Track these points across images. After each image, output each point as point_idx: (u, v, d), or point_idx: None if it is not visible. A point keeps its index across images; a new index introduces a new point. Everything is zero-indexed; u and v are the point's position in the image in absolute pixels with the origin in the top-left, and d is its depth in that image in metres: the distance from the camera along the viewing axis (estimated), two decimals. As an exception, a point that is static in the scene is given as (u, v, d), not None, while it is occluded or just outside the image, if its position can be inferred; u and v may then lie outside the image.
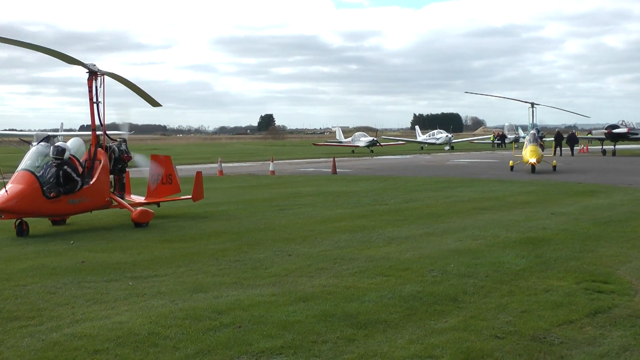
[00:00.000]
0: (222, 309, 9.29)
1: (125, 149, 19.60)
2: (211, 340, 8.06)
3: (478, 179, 31.96)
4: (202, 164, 52.14)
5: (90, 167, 18.09)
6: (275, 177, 36.22)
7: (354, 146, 74.66)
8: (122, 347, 7.87)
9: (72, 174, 17.08)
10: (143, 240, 15.41)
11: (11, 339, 8.25)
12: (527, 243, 14.13)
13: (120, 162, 19.33)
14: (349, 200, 23.01)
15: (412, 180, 32.16)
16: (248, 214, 19.69)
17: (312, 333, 8.25)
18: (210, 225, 17.53)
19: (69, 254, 13.86)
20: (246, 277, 11.36)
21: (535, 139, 36.39)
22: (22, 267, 12.50)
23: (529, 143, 36.23)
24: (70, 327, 8.65)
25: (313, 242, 14.73)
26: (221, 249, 14.09)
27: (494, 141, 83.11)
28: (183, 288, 10.64)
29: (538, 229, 16.02)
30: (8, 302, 9.99)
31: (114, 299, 10.07)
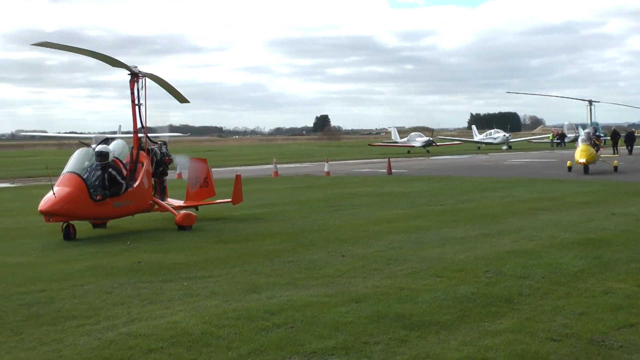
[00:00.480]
0: (274, 310, 9.31)
1: (166, 152, 19.65)
2: (263, 340, 8.08)
3: (536, 179, 31.55)
4: (258, 165, 52.46)
5: (133, 169, 18.00)
6: (330, 177, 36.24)
7: (409, 146, 74.32)
8: (176, 346, 7.94)
9: (117, 176, 17.01)
10: (198, 241, 15.53)
11: (69, 337, 8.39)
12: (585, 244, 13.89)
13: (161, 164, 19.37)
14: (403, 201, 22.90)
15: (469, 180, 31.89)
16: (302, 215, 19.72)
17: (364, 334, 8.22)
18: (265, 226, 17.60)
19: (125, 254, 14.03)
20: (299, 278, 11.37)
21: (589, 138, 35.47)
22: (80, 267, 12.70)
23: (582, 142, 35.44)
24: (126, 327, 8.75)
25: (367, 242, 14.69)
26: (275, 249, 14.14)
27: (553, 140, 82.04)
28: (237, 288, 10.70)
29: (597, 229, 15.73)
30: (66, 301, 10.15)
31: (169, 299, 10.17)
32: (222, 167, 50.21)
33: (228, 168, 49.67)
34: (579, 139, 36.67)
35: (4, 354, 7.82)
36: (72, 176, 16.50)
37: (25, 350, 7.94)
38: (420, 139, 74.69)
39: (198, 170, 20.13)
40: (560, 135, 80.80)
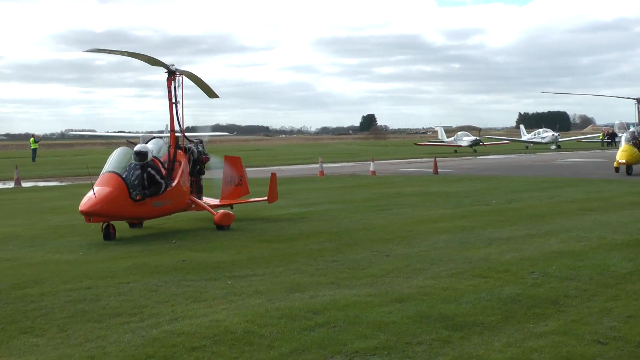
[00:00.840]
0: (317, 309, 9.31)
1: (203, 150, 19.47)
2: (306, 339, 8.08)
3: (585, 179, 31.11)
4: (303, 164, 52.56)
5: (171, 168, 17.76)
6: (376, 177, 36.16)
7: (456, 146, 73.82)
8: (219, 344, 7.98)
9: (156, 176, 16.84)
10: (242, 240, 15.60)
11: (114, 335, 8.48)
12: (635, 246, 13.66)
13: (198, 163, 19.20)
14: (449, 201, 22.76)
15: (516, 180, 31.57)
16: (347, 214, 19.69)
17: (407, 334, 8.18)
18: (309, 226, 17.60)
19: (170, 253, 14.14)
20: (343, 278, 11.35)
21: (634, 138, 34.66)
22: (126, 265, 12.83)
23: (625, 142, 34.69)
24: (170, 324, 8.82)
25: (411, 242, 14.62)
26: (319, 249, 14.14)
27: (603, 140, 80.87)
28: (280, 287, 10.72)
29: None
30: (111, 299, 10.26)
31: (213, 297, 10.22)
32: (268, 166, 50.49)
33: (274, 167, 49.83)
34: (622, 138, 35.98)
35: (51, 350, 7.94)
36: (112, 176, 16.40)
37: (71, 347, 8.04)
38: (467, 139, 74.13)
39: (233, 169, 19.96)
40: (611, 134, 79.43)
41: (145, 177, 16.66)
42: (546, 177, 32.89)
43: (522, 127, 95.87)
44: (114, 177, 16.31)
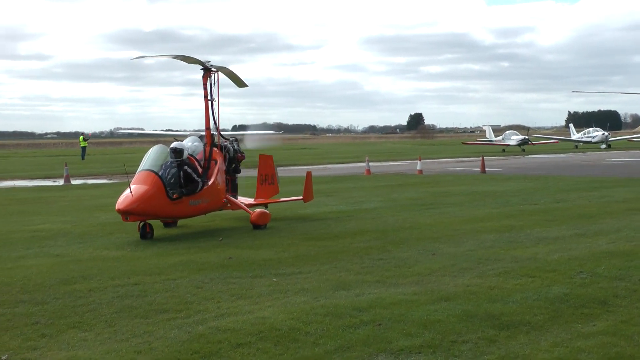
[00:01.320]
0: (363, 307, 9.29)
1: (238, 148, 19.07)
2: (351, 337, 8.07)
3: (635, 179, 30.60)
4: (350, 163, 52.52)
5: (207, 167, 17.45)
6: (423, 176, 35.99)
7: (504, 145, 73.22)
8: (264, 341, 8.00)
9: (193, 174, 16.56)
10: (288, 238, 15.63)
11: (160, 330, 8.55)
12: (686, 245, 13.41)
13: (234, 161, 18.82)
14: (497, 200, 22.56)
15: (565, 179, 31.18)
16: (393, 213, 19.63)
17: (453, 333, 8.13)
18: (356, 224, 17.58)
19: (217, 250, 14.23)
20: (389, 276, 11.32)
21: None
22: (173, 262, 12.94)
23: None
24: (215, 321, 8.87)
25: (458, 241, 14.53)
26: (365, 247, 14.11)
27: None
28: (325, 285, 10.72)
29: (698, 230, 15.17)
30: (158, 295, 10.36)
31: (258, 294, 10.26)
32: (315, 165, 50.58)
33: (321, 166, 49.97)
34: None
35: (98, 345, 8.04)
36: (148, 174, 16.12)
37: (118, 342, 8.13)
38: (516, 138, 73.51)
39: (266, 167, 19.74)
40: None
41: (181, 175, 16.40)
42: (596, 177, 32.45)
43: (571, 126, 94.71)
44: (151, 175, 16.06)
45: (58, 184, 36.48)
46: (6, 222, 19.22)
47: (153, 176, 16.01)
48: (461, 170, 40.74)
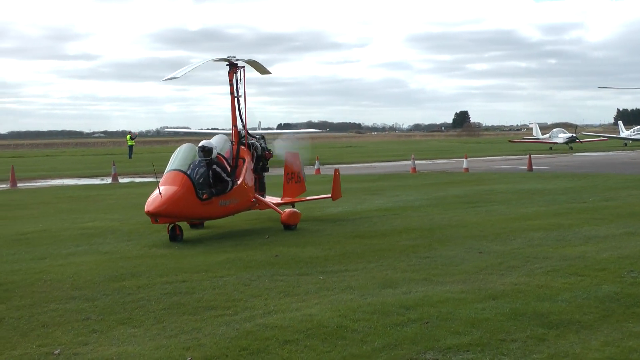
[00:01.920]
0: (410, 305, 9.27)
1: (266, 146, 18.45)
2: (398, 335, 8.06)
3: (686, 176, 30.07)
4: (396, 161, 52.39)
5: (235, 165, 16.89)
6: (469, 174, 35.75)
7: (551, 143, 72.37)
8: (311, 338, 8.02)
9: (222, 173, 15.96)
10: (335, 235, 15.63)
11: (208, 327, 8.62)
12: None
13: (261, 160, 18.19)
14: (544, 198, 22.32)
15: (614, 177, 30.76)
16: (440, 211, 19.53)
17: (501, 331, 8.07)
18: (402, 222, 17.53)
19: (263, 247, 14.29)
20: (436, 274, 11.27)
21: None
22: (220, 259, 13.02)
23: None
24: (263, 318, 8.91)
25: (505, 239, 14.41)
26: (412, 245, 14.07)
27: None
28: (372, 283, 10.72)
29: None
30: (206, 292, 10.43)
31: (305, 292, 10.29)
32: (360, 163, 50.59)
33: (366, 164, 49.93)
34: None
35: (148, 341, 8.12)
36: (178, 174, 15.51)
37: (167, 338, 8.21)
38: (563, 135, 72.59)
39: (293, 165, 19.08)
40: None
41: (210, 175, 15.86)
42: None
43: (620, 123, 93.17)
44: (180, 176, 15.48)
45: (106, 182, 36.92)
46: (56, 220, 19.50)
47: (182, 176, 15.46)
48: (508, 168, 40.41)
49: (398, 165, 46.20)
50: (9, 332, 8.58)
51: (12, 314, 9.41)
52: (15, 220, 19.80)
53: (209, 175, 15.82)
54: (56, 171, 47.49)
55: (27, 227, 17.97)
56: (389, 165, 48.01)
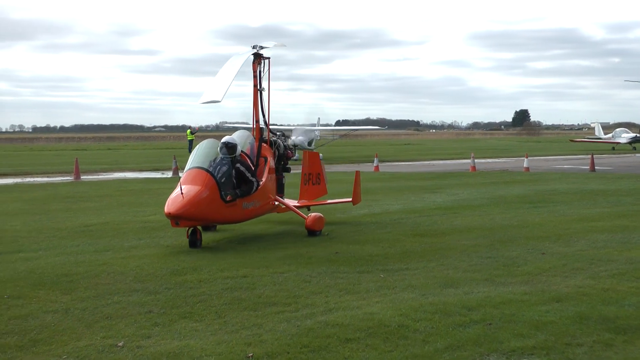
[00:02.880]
0: (472, 305, 9.16)
1: (287, 144, 17.28)
2: (461, 335, 7.96)
3: None
4: (454, 159, 52.03)
5: (256, 164, 15.51)
6: (530, 173, 35.28)
7: (614, 143, 71.08)
8: (373, 337, 7.97)
9: (246, 173, 14.65)
10: (394, 233, 15.54)
11: (269, 323, 8.62)
12: None
13: (282, 159, 16.99)
14: (608, 199, 21.90)
15: (679, 179, 30.05)
16: (500, 211, 19.29)
17: (566, 335, 7.92)
18: (462, 221, 17.35)
19: (323, 244, 14.27)
20: (498, 275, 11.13)
21: None
22: (280, 255, 13.04)
23: None
24: (324, 315, 8.89)
25: (568, 241, 14.17)
26: (472, 244, 13.92)
27: None
28: (433, 282, 10.63)
29: None
30: (267, 288, 10.45)
31: (366, 290, 10.24)
32: (419, 161, 50.37)
33: (424, 162, 49.67)
34: None
35: (209, 335, 8.16)
36: (200, 172, 14.20)
37: (228, 333, 8.24)
38: (627, 135, 71.22)
39: (311, 166, 17.98)
40: None
41: (233, 174, 14.54)
42: None
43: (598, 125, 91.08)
44: (203, 174, 14.15)
45: (166, 176, 37.30)
46: (119, 213, 19.75)
47: (205, 175, 14.14)
48: (569, 168, 39.80)
49: (457, 164, 45.85)
50: (74, 323, 8.71)
51: (77, 305, 9.55)
52: (79, 212, 20.12)
53: (232, 174, 14.51)
54: (118, 164, 48.19)
55: (91, 219, 18.25)
56: (448, 163, 47.66)
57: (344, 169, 41.18)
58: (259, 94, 16.40)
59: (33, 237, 15.46)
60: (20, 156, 66.10)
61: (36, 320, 8.83)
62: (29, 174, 39.64)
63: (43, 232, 16.08)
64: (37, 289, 10.43)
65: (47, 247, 14.19)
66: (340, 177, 32.94)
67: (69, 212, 20.02)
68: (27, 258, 12.94)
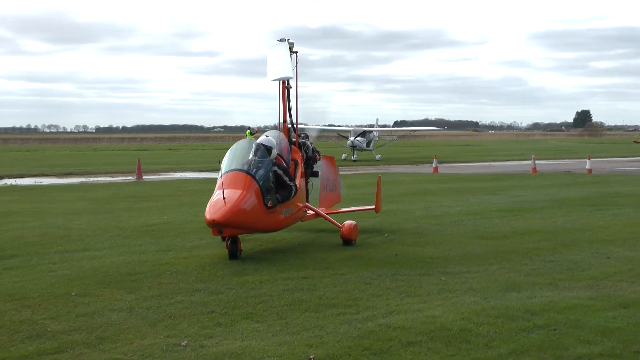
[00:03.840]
0: (535, 310, 9.05)
1: (314, 146, 15.99)
2: (524, 341, 7.87)
3: None
4: (514, 160, 51.49)
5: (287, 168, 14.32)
6: (592, 175, 34.71)
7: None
8: (435, 341, 7.92)
9: (284, 176, 13.70)
10: (454, 235, 15.42)
11: (330, 325, 8.62)
12: None
13: (310, 162, 15.81)
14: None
15: None
16: (563, 213, 19.00)
17: (635, 342, 7.77)
18: (523, 223, 17.14)
19: (383, 246, 14.23)
20: (561, 279, 10.97)
21: None
22: (340, 256, 13.04)
23: None
24: (385, 318, 8.86)
25: (634, 245, 13.90)
26: (534, 247, 13.74)
27: None
28: (495, 286, 10.52)
29: None
30: (327, 289, 10.46)
31: (427, 292, 10.18)
32: (478, 162, 49.98)
33: (484, 163, 49.24)
34: None
35: (271, 336, 8.19)
36: (242, 175, 13.11)
37: (290, 334, 8.26)
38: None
39: (329, 171, 16.99)
40: None
41: (271, 178, 13.42)
42: None
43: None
44: (246, 178, 13.06)
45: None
46: (180, 213, 19.96)
47: (248, 179, 13.05)
48: (634, 170, 39.03)
49: (517, 165, 45.35)
50: (138, 322, 8.83)
51: (141, 304, 9.68)
52: (142, 211, 20.40)
53: (270, 178, 13.39)
54: (178, 164, 48.75)
55: (153, 219, 18.49)
56: (508, 164, 47.17)
57: (403, 170, 41.07)
58: (287, 91, 15.55)
59: (98, 235, 15.74)
60: (84, 156, 67.35)
61: (102, 318, 8.99)
62: (92, 173, 40.45)
63: (107, 231, 16.36)
64: (103, 287, 10.61)
65: (112, 246, 14.43)
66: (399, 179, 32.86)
67: (132, 212, 20.32)
68: (92, 257, 13.18)
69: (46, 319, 8.99)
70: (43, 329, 8.53)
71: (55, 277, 11.33)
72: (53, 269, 12.08)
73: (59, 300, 9.87)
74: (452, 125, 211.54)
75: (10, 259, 12.99)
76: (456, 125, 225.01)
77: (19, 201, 24.07)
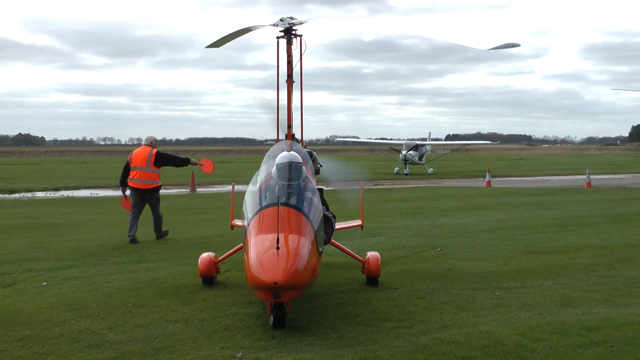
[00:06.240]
0: (591, 326, 8.96)
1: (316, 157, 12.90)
2: (580, 357, 7.81)
3: None
4: (568, 175, 50.92)
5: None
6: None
7: None
8: (489, 356, 7.90)
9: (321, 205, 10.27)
10: (509, 250, 15.30)
11: (384, 339, 8.64)
12: None
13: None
14: None
15: None
16: (619, 229, 18.74)
17: (694, 361, 7.65)
18: (578, 238, 16.95)
19: (436, 260, 14.19)
20: (618, 295, 10.84)
21: None
22: (393, 270, 13.01)
23: None
24: (439, 332, 8.85)
25: (693, 261, 13.67)
26: (590, 263, 13.58)
27: None
28: (550, 301, 10.43)
29: None
30: (381, 303, 10.47)
31: (481, 307, 10.14)
32: (532, 177, 49.53)
33: (537, 177, 48.78)
34: None
35: (325, 350, 8.23)
36: (296, 214, 9.42)
37: (343, 348, 8.29)
38: None
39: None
40: None
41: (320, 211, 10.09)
42: None
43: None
44: (300, 218, 9.42)
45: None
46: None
47: (303, 219, 9.43)
48: (692, 185, 38.31)
49: (571, 180, 44.83)
50: (194, 333, 8.94)
51: (197, 315, 9.80)
52: (195, 224, 20.63)
53: (320, 211, 10.06)
54: (232, 177, 49.08)
55: (207, 231, 18.70)
56: (562, 179, 46.65)
57: (455, 184, 40.84)
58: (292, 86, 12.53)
59: (153, 247, 15.96)
60: (137, 168, 68.08)
61: (158, 329, 9.12)
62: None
63: (162, 243, 16.59)
64: (159, 299, 10.77)
65: (167, 257, 14.62)
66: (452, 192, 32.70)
67: (186, 224, 20.55)
68: (148, 268, 13.37)
69: (104, 329, 9.16)
70: (101, 339, 8.70)
71: (112, 288, 11.53)
72: (110, 279, 12.29)
73: (116, 311, 10.05)
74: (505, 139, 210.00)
75: (69, 270, 13.26)
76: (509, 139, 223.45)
77: (76, 212, 24.50)
